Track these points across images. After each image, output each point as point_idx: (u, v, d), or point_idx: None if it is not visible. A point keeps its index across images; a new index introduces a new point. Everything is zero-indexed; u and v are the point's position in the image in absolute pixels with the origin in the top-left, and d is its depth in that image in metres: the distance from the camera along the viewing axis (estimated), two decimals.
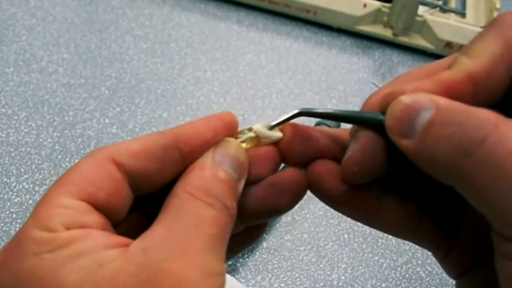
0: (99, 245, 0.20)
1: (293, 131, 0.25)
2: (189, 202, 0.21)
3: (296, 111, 0.25)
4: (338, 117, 0.24)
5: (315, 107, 0.25)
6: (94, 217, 0.21)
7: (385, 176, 0.24)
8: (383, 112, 0.23)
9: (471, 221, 0.23)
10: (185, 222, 0.21)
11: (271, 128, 0.26)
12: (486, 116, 0.20)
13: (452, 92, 0.22)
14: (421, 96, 0.21)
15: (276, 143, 0.26)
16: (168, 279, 0.19)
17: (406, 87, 0.22)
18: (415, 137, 0.21)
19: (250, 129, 0.26)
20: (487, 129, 0.19)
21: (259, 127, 0.25)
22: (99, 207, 0.22)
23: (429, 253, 0.50)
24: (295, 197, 0.26)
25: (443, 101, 0.20)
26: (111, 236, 0.21)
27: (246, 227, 0.27)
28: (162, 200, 0.23)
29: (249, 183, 0.25)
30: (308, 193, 0.26)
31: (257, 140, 0.25)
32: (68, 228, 0.20)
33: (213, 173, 0.23)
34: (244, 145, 0.25)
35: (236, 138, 0.25)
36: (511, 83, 0.22)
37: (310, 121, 0.57)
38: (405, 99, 0.21)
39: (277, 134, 0.25)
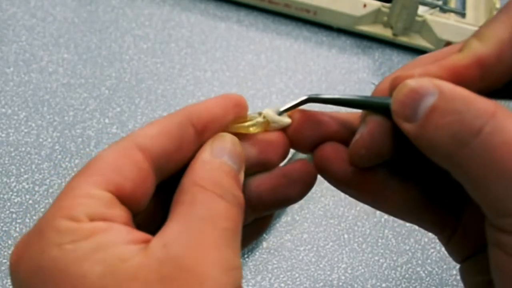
0: (121, 240, 0.20)
1: (302, 116, 0.26)
2: (200, 194, 0.21)
3: (304, 97, 0.25)
4: (346, 103, 0.25)
5: (323, 94, 0.26)
6: (118, 211, 0.21)
7: (392, 159, 0.24)
8: (392, 96, 0.23)
9: (474, 206, 0.23)
10: (200, 217, 0.21)
11: (280, 113, 0.26)
12: (485, 105, 0.20)
13: (459, 77, 0.22)
14: (425, 80, 0.21)
15: (284, 128, 0.26)
16: (189, 275, 0.19)
17: (414, 71, 0.23)
18: (417, 122, 0.21)
19: (259, 114, 0.26)
20: (484, 119, 0.19)
21: (269, 111, 0.26)
22: (124, 198, 0.22)
23: (429, 253, 0.50)
24: (305, 188, 0.26)
25: (446, 87, 0.21)
26: (132, 231, 0.21)
27: (255, 219, 0.27)
28: (174, 187, 0.23)
29: (260, 170, 0.26)
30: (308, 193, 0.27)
31: (266, 124, 0.26)
32: (91, 219, 0.20)
33: (217, 166, 0.23)
34: (252, 129, 0.26)
35: (246, 121, 0.25)
36: None
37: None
38: (411, 82, 0.22)
39: (286, 119, 0.26)
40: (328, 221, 0.51)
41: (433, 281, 0.48)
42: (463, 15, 0.67)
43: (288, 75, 0.62)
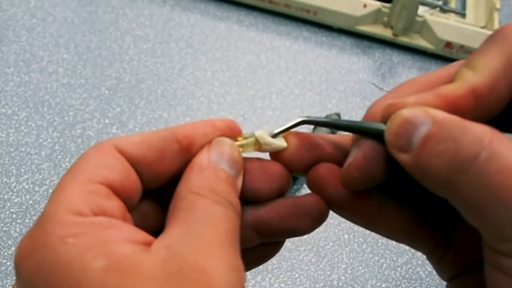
0: (124, 238, 0.20)
1: (299, 140, 0.26)
2: (197, 202, 0.22)
3: (299, 119, 0.25)
4: (341, 127, 0.25)
5: (317, 116, 0.25)
6: (115, 202, 0.22)
7: (385, 182, 0.24)
8: (385, 123, 0.23)
9: (466, 227, 0.23)
10: (199, 220, 0.21)
11: (274, 136, 0.26)
12: (480, 131, 0.20)
13: (454, 106, 0.22)
14: (418, 110, 0.21)
15: (279, 152, 0.26)
16: (195, 272, 0.19)
17: (408, 100, 0.22)
18: (412, 152, 0.21)
19: (252, 135, 0.26)
20: (480, 145, 0.19)
21: (261, 133, 0.25)
22: (115, 190, 0.22)
23: None
24: (315, 223, 0.26)
25: (440, 115, 0.21)
26: (136, 231, 0.21)
27: (262, 243, 0.27)
28: (167, 198, 0.23)
29: (250, 200, 0.25)
30: (308, 192, 0.26)
31: (258, 146, 0.25)
32: (95, 213, 0.21)
33: (212, 173, 0.23)
34: (242, 149, 0.25)
35: (237, 141, 0.25)
36: None
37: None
38: (404, 113, 0.21)
39: (281, 143, 0.25)
40: (328, 221, 0.50)
41: (433, 281, 0.48)
42: (463, 15, 0.67)
43: (288, 75, 0.62)
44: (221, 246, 0.20)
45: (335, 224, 0.50)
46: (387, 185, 0.25)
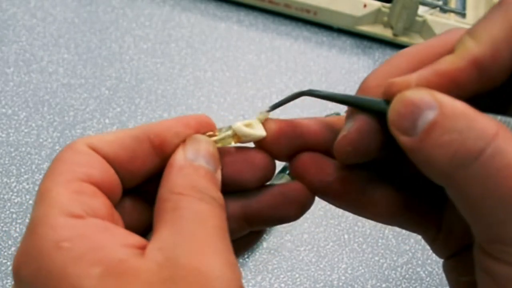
0: (118, 242, 0.20)
1: (278, 126, 0.26)
2: (181, 201, 0.21)
3: (297, 92, 0.25)
4: (341, 100, 0.24)
5: (317, 90, 0.25)
6: (102, 199, 0.22)
7: (375, 160, 0.24)
8: (387, 101, 0.22)
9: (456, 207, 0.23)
10: (187, 220, 0.21)
11: (271, 109, 0.26)
12: (486, 125, 0.19)
13: (456, 81, 0.21)
14: (425, 93, 0.21)
15: (259, 141, 0.26)
16: (191, 273, 0.19)
17: (411, 79, 0.22)
18: (416, 137, 0.20)
19: (229, 127, 0.26)
20: (485, 141, 0.19)
21: (239, 124, 0.25)
22: (98, 186, 0.22)
23: (430, 253, 0.50)
24: (303, 208, 0.26)
25: (448, 103, 0.20)
26: (129, 234, 0.21)
27: (250, 232, 0.27)
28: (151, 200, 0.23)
29: (235, 190, 0.25)
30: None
31: (237, 138, 0.25)
32: (87, 213, 0.21)
33: (191, 170, 0.23)
34: (220, 143, 0.25)
35: (213, 136, 0.25)
36: None
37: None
38: (410, 94, 0.21)
39: (259, 132, 0.25)
40: (328, 221, 0.51)
41: (433, 281, 0.48)
42: (463, 15, 0.67)
43: (288, 75, 0.62)
44: (212, 243, 0.20)
45: (335, 224, 0.50)
46: (376, 163, 0.25)
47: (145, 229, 0.24)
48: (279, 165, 0.52)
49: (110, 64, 0.59)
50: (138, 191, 0.25)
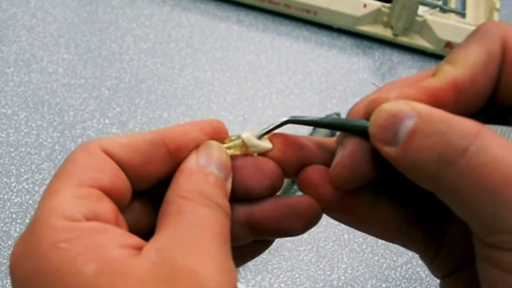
0: (115, 242, 0.20)
1: (284, 140, 0.26)
2: (186, 205, 0.22)
3: (284, 119, 0.25)
4: (325, 125, 0.25)
5: (303, 116, 0.26)
6: (107, 204, 0.22)
7: (376, 181, 0.24)
8: (368, 119, 0.23)
9: (458, 224, 0.23)
10: (189, 223, 0.21)
11: (260, 137, 0.26)
12: (468, 125, 0.20)
13: (435, 100, 0.22)
14: (402, 103, 0.21)
15: (265, 153, 0.26)
16: (186, 275, 0.19)
17: (390, 94, 0.23)
18: (399, 146, 0.21)
19: (239, 137, 0.26)
20: (468, 139, 0.19)
21: (248, 135, 0.25)
22: (106, 191, 0.22)
23: None
24: (308, 224, 0.26)
25: (425, 110, 0.21)
26: (127, 235, 0.21)
27: (254, 240, 0.27)
28: (157, 203, 0.23)
29: (242, 198, 0.25)
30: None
31: (245, 148, 0.26)
32: (87, 218, 0.21)
33: (201, 177, 0.23)
34: (230, 151, 0.25)
35: (224, 143, 0.25)
36: (493, 92, 0.23)
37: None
38: (388, 106, 0.22)
39: (266, 144, 0.26)
40: (328, 221, 0.51)
41: (433, 281, 0.48)
42: (463, 15, 0.67)
43: (288, 75, 0.62)
44: (210, 248, 0.20)
45: (335, 224, 0.50)
46: (377, 184, 0.25)
47: (153, 232, 0.25)
48: None
49: (110, 64, 0.59)
50: (149, 194, 0.25)
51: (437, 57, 0.66)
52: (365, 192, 0.25)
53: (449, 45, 0.64)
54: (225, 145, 0.25)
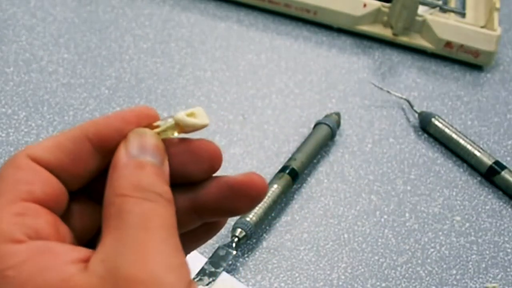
0: (61, 261, 0.20)
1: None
2: (124, 204, 0.21)
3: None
4: None
5: None
6: (45, 217, 0.21)
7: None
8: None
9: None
10: (129, 225, 0.20)
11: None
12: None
13: None
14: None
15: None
16: (131, 284, 0.19)
17: None
18: None
19: (171, 117, 0.25)
20: None
21: (181, 114, 0.24)
22: (40, 202, 0.22)
23: (429, 253, 0.50)
24: (253, 203, 0.25)
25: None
26: (72, 250, 0.21)
27: (205, 222, 0.26)
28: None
29: (183, 182, 0.25)
30: (308, 192, 0.26)
31: (180, 128, 0.24)
32: (29, 236, 0.20)
33: (134, 168, 0.22)
34: (162, 135, 0.24)
35: (156, 127, 0.24)
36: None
37: (310, 121, 0.57)
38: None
39: (202, 121, 0.24)
40: (328, 220, 0.51)
41: (433, 281, 0.48)
42: (463, 15, 0.67)
43: (288, 75, 0.62)
44: (156, 248, 0.20)
45: (335, 223, 0.50)
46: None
47: (98, 231, 0.24)
48: (279, 165, 0.52)
49: (110, 63, 0.59)
50: (88, 192, 0.25)
51: (437, 56, 0.66)
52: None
53: (449, 44, 0.64)
54: (157, 130, 0.24)
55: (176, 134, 0.25)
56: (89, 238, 0.25)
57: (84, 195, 0.25)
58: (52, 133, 0.53)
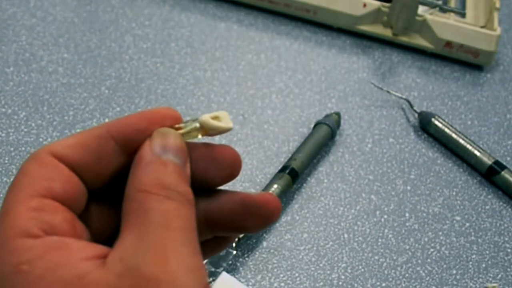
0: (77, 257, 0.20)
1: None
2: (146, 201, 0.21)
3: None
4: None
5: None
6: (62, 214, 0.21)
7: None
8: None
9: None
10: (150, 223, 0.20)
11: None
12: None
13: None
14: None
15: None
16: (151, 284, 0.19)
17: None
18: None
19: (194, 121, 0.25)
20: None
21: (206, 117, 0.24)
22: (60, 199, 0.22)
23: (429, 253, 0.50)
24: (265, 223, 0.25)
25: None
26: (88, 246, 0.21)
27: (214, 236, 0.26)
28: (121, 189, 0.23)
29: (202, 188, 0.25)
30: (308, 192, 0.26)
31: (204, 131, 0.25)
32: (46, 232, 0.20)
33: (158, 165, 0.22)
34: (186, 137, 0.25)
35: (180, 129, 0.24)
36: None
37: (310, 121, 0.57)
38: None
39: (226, 124, 0.24)
40: (328, 220, 0.51)
41: (433, 281, 0.48)
42: (463, 15, 0.67)
43: (288, 75, 0.62)
44: (176, 249, 0.20)
45: (335, 223, 0.50)
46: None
47: (115, 232, 0.24)
48: (279, 165, 0.52)
49: (110, 63, 0.59)
50: (107, 193, 0.25)
51: (437, 56, 0.66)
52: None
53: (449, 44, 0.64)
54: (182, 131, 0.24)
55: (200, 137, 0.25)
56: (104, 240, 0.24)
57: (102, 196, 0.25)
58: (52, 133, 0.53)
